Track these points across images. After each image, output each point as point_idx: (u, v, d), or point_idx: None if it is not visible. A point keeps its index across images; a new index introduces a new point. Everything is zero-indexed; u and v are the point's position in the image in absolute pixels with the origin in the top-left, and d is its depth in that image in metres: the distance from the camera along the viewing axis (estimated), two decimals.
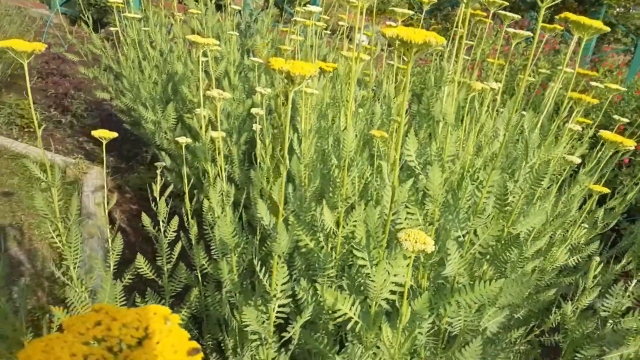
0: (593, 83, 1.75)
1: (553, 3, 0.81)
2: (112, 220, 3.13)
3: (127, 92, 3.15)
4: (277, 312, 1.01)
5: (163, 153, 2.71)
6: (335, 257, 1.14)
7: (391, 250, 0.92)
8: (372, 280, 0.89)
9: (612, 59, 8.75)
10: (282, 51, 2.50)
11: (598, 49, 8.66)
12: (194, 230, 1.49)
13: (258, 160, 1.57)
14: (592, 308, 1.50)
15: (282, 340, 1.06)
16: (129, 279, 1.49)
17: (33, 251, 2.75)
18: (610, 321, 1.38)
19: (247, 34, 3.57)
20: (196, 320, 1.61)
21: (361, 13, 1.04)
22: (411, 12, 1.29)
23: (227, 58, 2.67)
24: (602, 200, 1.86)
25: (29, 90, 1.13)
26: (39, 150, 3.72)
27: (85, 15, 3.56)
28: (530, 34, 1.29)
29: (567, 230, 1.67)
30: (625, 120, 1.76)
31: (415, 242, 0.70)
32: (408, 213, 1.04)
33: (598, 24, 0.94)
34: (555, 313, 1.57)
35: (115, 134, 1.51)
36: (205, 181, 1.50)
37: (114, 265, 1.48)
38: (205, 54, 2.90)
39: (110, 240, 1.48)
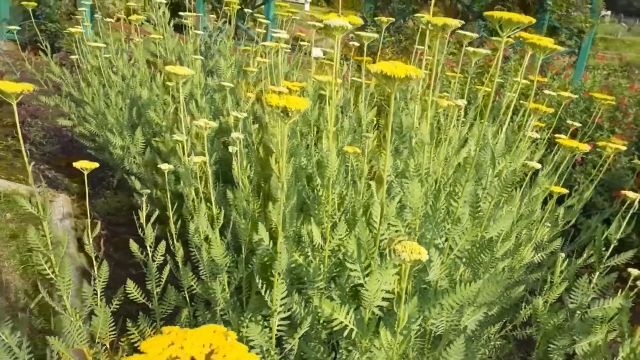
0: (546, 91, 1.87)
1: (513, 32, 0.90)
2: (82, 247, 3.10)
3: (90, 118, 3.15)
4: (278, 325, 1.07)
5: (133, 177, 2.73)
6: (323, 270, 1.21)
7: (381, 261, 0.99)
8: (366, 289, 0.96)
9: (558, 61, 9.10)
10: (247, 72, 2.56)
11: None
12: (180, 253, 1.53)
13: (238, 182, 1.62)
14: (560, 301, 1.60)
15: (283, 353, 1.11)
16: (116, 303, 1.52)
17: (5, 283, 2.72)
18: (578, 312, 1.49)
19: (208, 55, 3.62)
20: None
21: (336, 41, 1.11)
22: (376, 36, 1.37)
23: (192, 81, 2.71)
24: (560, 198, 1.99)
25: (19, 129, 1.16)
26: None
27: (43, 44, 3.55)
28: (488, 51, 1.39)
29: (532, 230, 1.77)
30: (577, 124, 1.89)
31: (411, 252, 0.77)
32: (390, 225, 1.11)
33: (550, 43, 1.04)
34: (525, 308, 1.67)
35: (96, 164, 1.55)
36: (190, 205, 1.54)
37: (100, 292, 1.51)
38: (170, 79, 2.94)
39: (96, 268, 1.50)
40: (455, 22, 1.04)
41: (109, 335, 1.42)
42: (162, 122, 2.59)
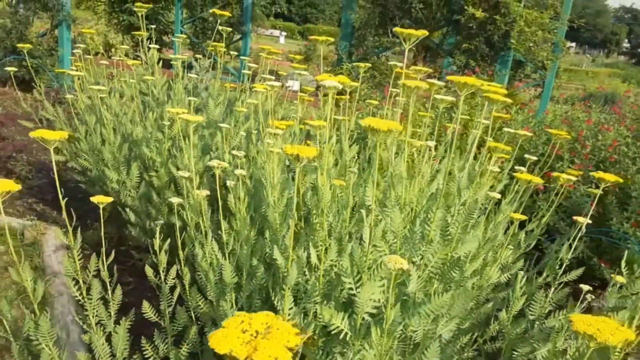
0: (506, 129, 2.12)
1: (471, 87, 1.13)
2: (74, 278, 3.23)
3: (84, 154, 3.32)
4: None
5: (127, 209, 2.90)
6: (319, 286, 1.40)
7: (370, 276, 1.19)
8: (359, 298, 1.16)
9: (523, 94, 9.55)
10: (238, 112, 2.78)
11: (510, 85, 9.46)
12: (187, 277, 1.72)
13: (235, 213, 1.82)
14: (523, 315, 1.82)
15: None
16: (130, 322, 1.69)
17: None
18: (537, 323, 1.71)
19: (195, 93, 3.83)
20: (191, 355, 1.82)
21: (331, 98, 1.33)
22: (340, 86, 1.50)
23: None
24: (523, 223, 2.22)
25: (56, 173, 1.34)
26: None
27: (37, 85, 3.73)
28: (453, 99, 1.63)
29: (497, 252, 2.00)
30: (534, 158, 2.13)
31: (395, 263, 0.97)
32: (374, 246, 1.32)
33: (502, 97, 1.28)
34: (493, 323, 1.89)
35: (110, 199, 1.74)
36: (192, 234, 1.73)
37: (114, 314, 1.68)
38: (162, 117, 3.13)
39: (110, 292, 1.68)
40: (425, 85, 1.27)
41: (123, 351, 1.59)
42: (156, 157, 2.77)
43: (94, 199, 1.68)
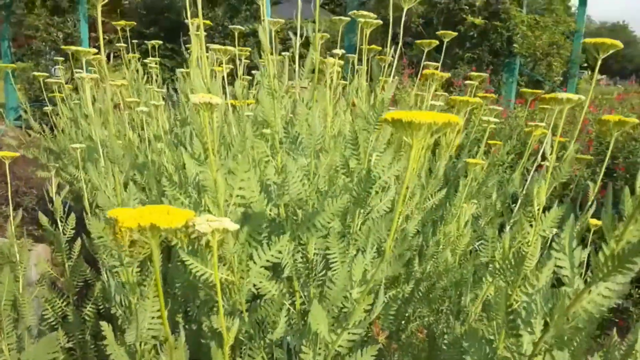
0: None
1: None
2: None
3: (62, 161, 3.29)
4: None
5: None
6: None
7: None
8: (205, 184, 1.00)
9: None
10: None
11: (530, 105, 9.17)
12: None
13: None
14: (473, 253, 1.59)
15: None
16: None
17: None
18: (490, 266, 1.49)
19: None
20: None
21: None
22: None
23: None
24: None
25: None
26: None
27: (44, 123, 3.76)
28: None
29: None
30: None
31: (202, 97, 0.81)
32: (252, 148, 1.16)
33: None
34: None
35: (17, 154, 1.64)
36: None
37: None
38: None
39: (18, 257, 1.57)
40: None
41: None
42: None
43: None
